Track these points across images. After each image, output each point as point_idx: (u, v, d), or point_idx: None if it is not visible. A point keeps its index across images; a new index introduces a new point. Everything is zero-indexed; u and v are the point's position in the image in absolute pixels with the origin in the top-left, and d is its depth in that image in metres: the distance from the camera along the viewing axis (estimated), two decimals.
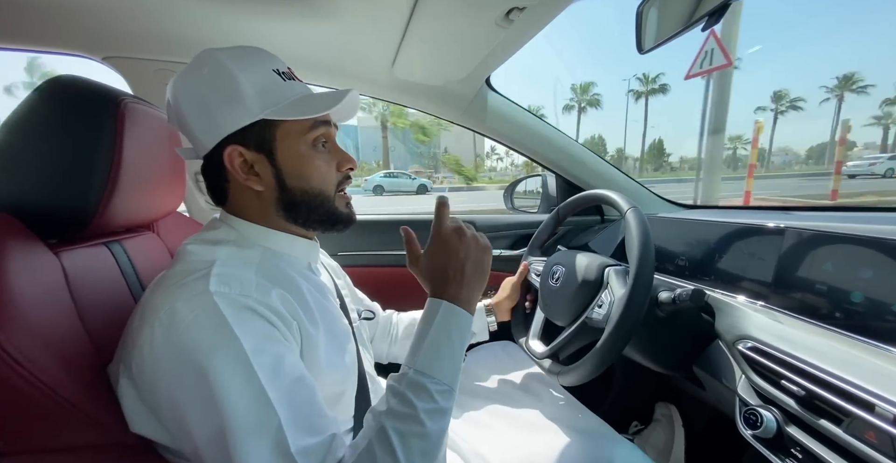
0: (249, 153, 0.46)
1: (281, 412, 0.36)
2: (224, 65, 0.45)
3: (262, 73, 0.46)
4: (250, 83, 0.45)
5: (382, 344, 0.82)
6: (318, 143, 0.49)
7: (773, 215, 0.72)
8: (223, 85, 0.44)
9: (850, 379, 0.42)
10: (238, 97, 0.44)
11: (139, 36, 0.83)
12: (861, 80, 26.53)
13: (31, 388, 0.34)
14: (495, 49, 0.79)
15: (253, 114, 0.45)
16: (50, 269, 0.42)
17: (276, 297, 0.43)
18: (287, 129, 0.47)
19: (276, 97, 0.46)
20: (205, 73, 0.45)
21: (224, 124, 0.45)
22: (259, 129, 0.46)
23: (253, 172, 0.47)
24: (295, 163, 0.48)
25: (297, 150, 0.48)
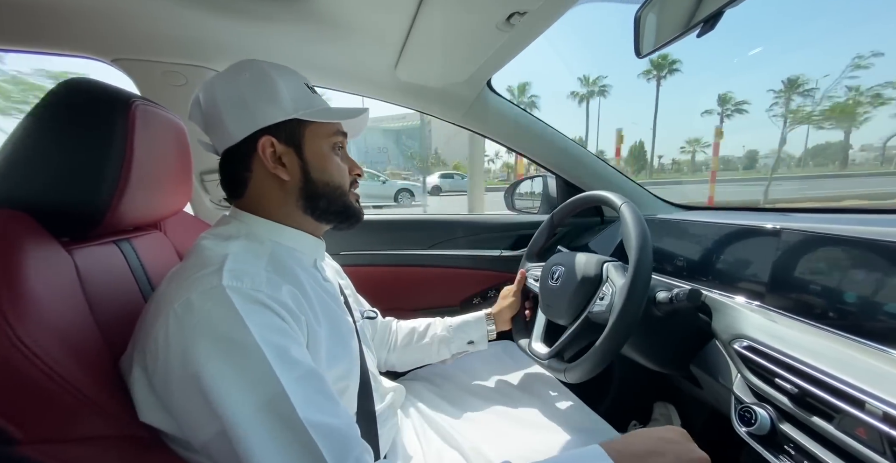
0: (280, 145, 0.52)
1: (294, 399, 0.37)
2: (264, 70, 0.52)
3: (296, 82, 0.54)
4: (286, 88, 0.52)
5: (381, 351, 0.83)
6: (336, 148, 0.56)
7: (769, 217, 0.73)
8: (263, 85, 0.51)
9: (842, 377, 0.42)
10: (276, 97, 0.51)
11: (147, 38, 0.85)
12: (805, 82, 25.84)
13: (47, 379, 0.35)
14: (497, 52, 0.80)
15: (287, 112, 0.51)
16: (63, 266, 0.43)
17: (286, 292, 0.45)
18: (315, 130, 0.54)
19: (306, 103, 0.53)
20: (245, 76, 0.52)
21: (260, 118, 0.51)
22: (291, 127, 0.52)
23: (280, 163, 0.52)
24: (319, 159, 0.54)
25: (321, 148, 0.54)
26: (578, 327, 0.68)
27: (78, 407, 0.36)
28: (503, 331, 0.86)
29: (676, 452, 0.45)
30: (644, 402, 1.02)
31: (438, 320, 0.86)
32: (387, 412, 0.63)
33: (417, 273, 1.16)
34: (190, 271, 0.43)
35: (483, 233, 1.21)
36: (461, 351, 0.83)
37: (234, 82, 0.51)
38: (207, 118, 0.53)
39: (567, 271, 0.74)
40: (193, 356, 0.37)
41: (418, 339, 0.83)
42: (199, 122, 0.54)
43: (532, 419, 0.69)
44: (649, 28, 0.58)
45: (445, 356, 0.83)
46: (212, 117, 0.52)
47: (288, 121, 0.51)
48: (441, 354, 0.83)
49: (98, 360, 0.41)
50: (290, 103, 0.52)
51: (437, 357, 0.83)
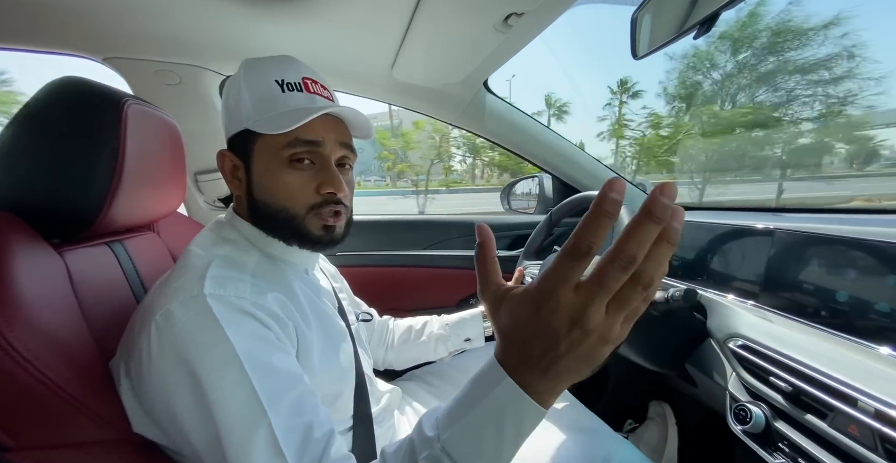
0: (235, 158, 0.50)
1: (272, 413, 0.36)
2: (239, 73, 0.50)
3: (263, 82, 0.48)
4: (249, 92, 0.48)
5: (378, 350, 0.82)
6: (293, 161, 0.47)
7: (763, 217, 0.74)
8: (232, 93, 0.50)
9: (835, 375, 0.43)
10: (237, 106, 0.49)
11: (140, 37, 0.83)
12: (635, 83, 25.91)
13: (38, 384, 0.34)
14: (493, 53, 0.80)
15: (240, 123, 0.48)
16: (54, 268, 0.42)
17: (272, 298, 0.44)
18: (265, 143, 0.47)
19: (265, 109, 0.47)
20: (229, 81, 0.52)
21: (226, 130, 0.50)
22: (244, 138, 0.49)
23: (237, 177, 0.51)
24: (264, 176, 0.48)
25: (268, 164, 0.48)
26: None
27: (70, 412, 0.36)
28: None
29: (582, 331, 0.26)
30: (640, 401, 1.02)
31: (435, 318, 0.85)
32: (383, 414, 0.63)
33: (414, 274, 1.16)
34: (173, 280, 0.42)
35: None
36: (458, 349, 0.83)
37: (226, 89, 0.52)
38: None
39: None
40: (173, 368, 0.36)
41: (415, 337, 0.83)
42: None
43: None
44: (645, 30, 0.58)
45: (443, 354, 0.83)
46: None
47: (241, 132, 0.48)
48: (438, 352, 0.82)
49: (90, 364, 0.40)
50: (248, 110, 0.47)
51: (435, 355, 0.83)
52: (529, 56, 65.94)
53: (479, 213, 1.22)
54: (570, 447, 0.61)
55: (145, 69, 0.89)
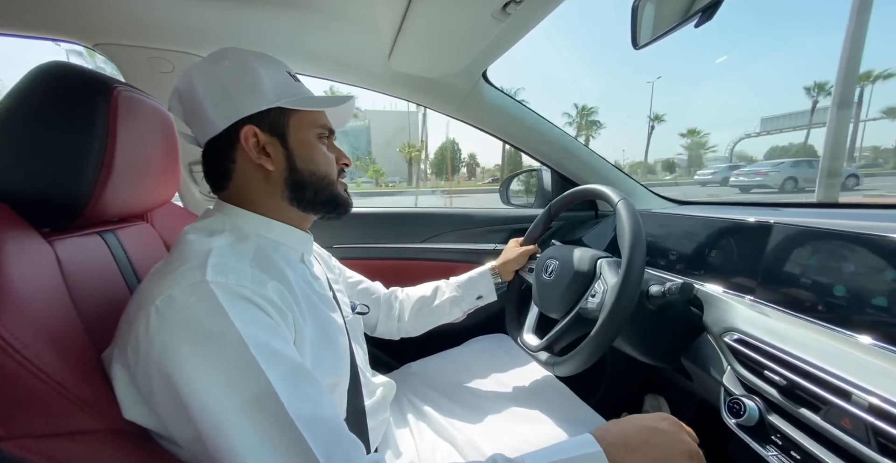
0: (263, 135, 0.50)
1: (282, 393, 0.36)
2: (245, 58, 0.51)
3: (278, 71, 0.53)
4: (268, 76, 0.51)
5: (390, 323, 0.84)
6: (321, 137, 0.55)
7: (761, 211, 0.73)
8: (245, 74, 0.50)
9: (830, 369, 0.43)
10: (258, 86, 0.50)
11: (131, 23, 0.82)
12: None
13: (28, 374, 0.34)
14: (492, 42, 0.79)
15: (270, 100, 0.50)
16: (44, 257, 0.42)
17: (271, 288, 0.44)
18: (299, 119, 0.52)
19: (290, 91, 0.52)
20: (226, 64, 0.50)
21: (242, 107, 0.49)
22: (274, 116, 0.51)
23: (264, 153, 0.51)
24: (305, 148, 0.53)
25: (306, 137, 0.53)
26: (569, 322, 0.69)
27: (61, 402, 0.35)
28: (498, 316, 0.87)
29: (669, 445, 0.44)
30: (635, 394, 1.03)
31: (444, 282, 0.88)
32: (377, 407, 0.63)
33: (411, 267, 1.16)
34: (172, 266, 0.42)
35: (477, 226, 1.21)
36: (472, 307, 0.87)
37: (214, 71, 0.49)
38: (187, 109, 0.51)
39: (560, 265, 0.74)
40: (176, 353, 0.36)
41: (428, 303, 0.85)
42: (178, 113, 0.53)
43: (525, 411, 0.70)
44: (647, 18, 0.57)
45: (458, 315, 0.86)
46: (192, 108, 0.50)
47: (271, 110, 0.50)
48: (453, 313, 0.85)
49: (81, 354, 0.40)
50: (273, 92, 0.50)
51: (450, 317, 0.86)
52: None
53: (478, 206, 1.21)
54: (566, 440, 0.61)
55: (137, 56, 0.87)
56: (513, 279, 0.91)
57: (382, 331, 0.85)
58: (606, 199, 0.68)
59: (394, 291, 0.87)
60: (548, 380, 0.79)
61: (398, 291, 0.88)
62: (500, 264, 0.89)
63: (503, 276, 0.89)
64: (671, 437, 0.45)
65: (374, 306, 0.83)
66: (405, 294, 0.87)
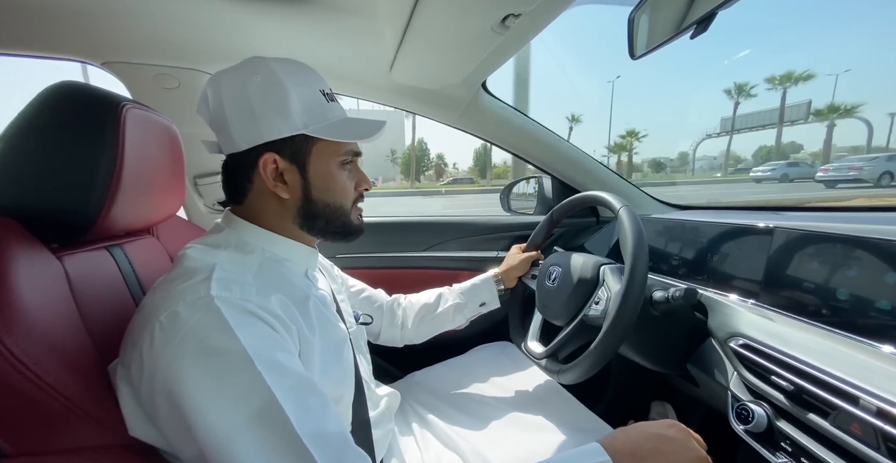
0: (283, 162, 0.49)
1: (287, 408, 0.36)
2: (277, 76, 0.48)
3: (310, 90, 0.50)
4: (298, 98, 0.48)
5: (393, 330, 0.84)
6: (345, 164, 0.54)
7: (763, 216, 0.74)
8: (274, 95, 0.47)
9: (837, 373, 0.43)
10: (286, 109, 0.48)
11: (138, 41, 0.84)
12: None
13: (37, 390, 0.34)
14: (491, 54, 0.80)
15: (296, 127, 0.48)
16: (53, 272, 0.42)
17: (276, 301, 0.44)
18: (323, 148, 0.51)
19: (319, 116, 0.50)
20: (257, 80, 0.48)
21: (266, 131, 0.48)
22: (297, 142, 0.49)
23: (281, 180, 0.50)
24: (323, 178, 0.52)
25: (327, 167, 0.52)
26: (573, 329, 0.69)
27: (69, 417, 0.35)
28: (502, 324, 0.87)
29: (677, 452, 0.44)
30: (641, 401, 1.02)
31: (447, 289, 0.88)
32: (381, 418, 0.63)
33: (414, 275, 1.16)
34: (176, 282, 0.42)
35: (479, 234, 1.21)
36: (475, 313, 0.87)
37: (244, 85, 0.48)
38: (213, 118, 0.51)
39: (563, 272, 0.75)
40: (180, 369, 0.36)
41: (432, 310, 0.85)
42: (205, 117, 0.52)
43: (530, 420, 0.69)
44: (643, 30, 0.58)
45: (461, 322, 0.86)
46: (218, 118, 0.50)
47: (295, 135, 0.49)
48: (456, 320, 0.86)
49: (89, 369, 0.40)
50: (300, 116, 0.48)
51: (453, 324, 0.86)
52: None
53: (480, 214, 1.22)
54: (572, 448, 0.60)
55: (144, 73, 0.89)
56: (516, 286, 0.91)
57: (386, 338, 0.85)
58: (608, 205, 0.69)
59: (396, 298, 0.88)
60: (553, 387, 0.78)
61: (401, 298, 0.88)
62: (503, 271, 0.89)
63: (506, 282, 0.89)
64: (680, 444, 0.45)
65: (378, 314, 0.83)
66: (408, 301, 0.87)
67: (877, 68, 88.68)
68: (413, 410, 0.76)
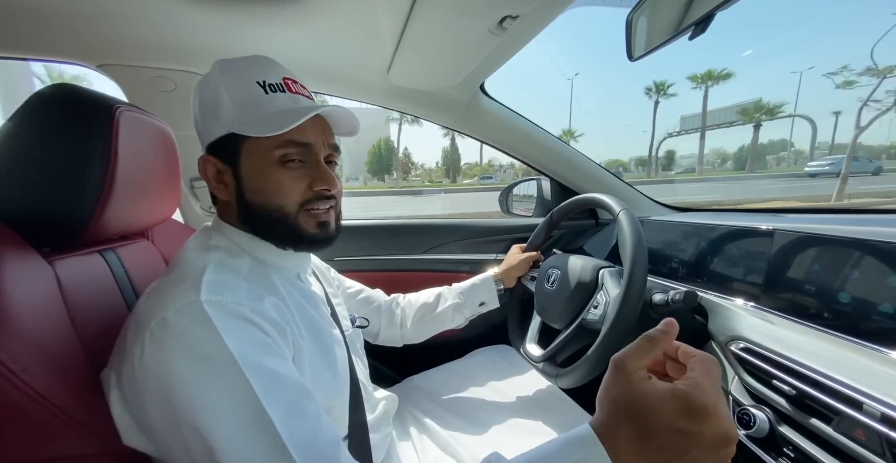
0: (220, 163, 0.49)
1: (275, 416, 0.35)
2: (213, 76, 0.48)
3: (244, 85, 0.47)
4: (229, 96, 0.47)
5: (392, 330, 0.84)
6: (285, 161, 0.48)
7: (763, 218, 0.73)
8: (208, 96, 0.48)
9: (839, 378, 0.42)
10: (216, 109, 0.47)
11: (134, 43, 0.83)
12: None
13: (24, 397, 0.33)
14: (489, 56, 0.80)
15: (224, 127, 0.47)
16: (43, 277, 0.42)
17: (269, 303, 0.43)
18: (254, 145, 0.47)
19: (250, 111, 0.47)
20: (202, 83, 0.49)
21: (205, 134, 0.49)
22: (230, 142, 0.48)
23: (222, 182, 0.49)
24: (255, 178, 0.48)
25: (259, 165, 0.47)
26: (572, 333, 0.68)
27: (59, 426, 0.35)
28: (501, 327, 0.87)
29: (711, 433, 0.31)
30: None
31: (446, 289, 0.87)
32: (379, 421, 0.62)
33: (413, 278, 1.15)
34: (167, 286, 0.41)
35: (478, 236, 1.21)
36: (474, 313, 0.86)
37: (198, 92, 0.50)
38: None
39: (562, 275, 0.74)
40: (170, 376, 0.35)
41: (431, 310, 0.84)
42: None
43: (530, 424, 0.69)
44: (641, 31, 0.58)
45: (460, 321, 0.86)
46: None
47: (228, 135, 0.47)
48: (456, 320, 0.85)
49: (79, 376, 0.39)
50: (230, 114, 0.46)
51: (452, 323, 0.86)
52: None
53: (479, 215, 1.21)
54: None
55: (140, 76, 0.89)
56: (515, 287, 0.91)
57: (385, 338, 0.84)
58: (608, 208, 0.68)
59: (395, 297, 0.87)
60: (552, 391, 0.78)
61: (399, 297, 0.87)
62: (503, 271, 0.89)
63: (506, 282, 0.89)
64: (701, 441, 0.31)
65: (376, 314, 0.82)
66: (407, 301, 0.87)
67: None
68: (411, 414, 0.75)
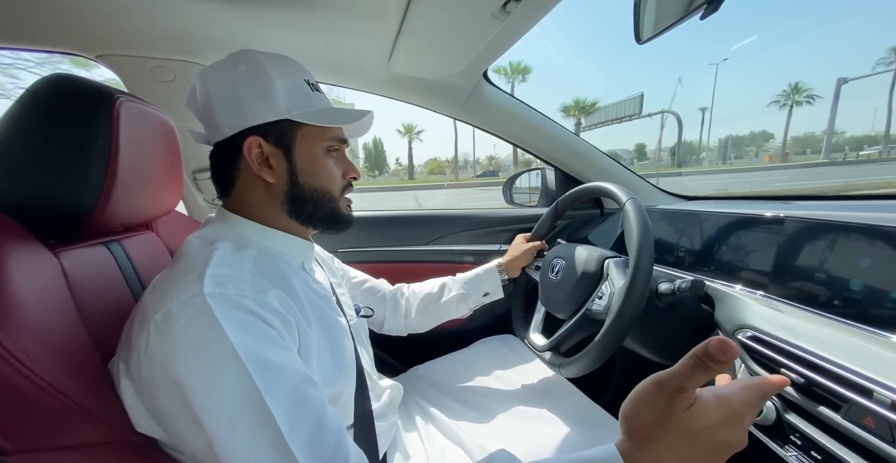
0: (268, 146, 0.50)
1: (276, 410, 0.35)
2: (262, 64, 0.49)
3: (294, 79, 0.51)
4: (282, 85, 0.49)
5: (397, 319, 0.84)
6: (331, 151, 0.54)
7: (772, 205, 0.72)
8: (258, 81, 0.49)
9: (849, 366, 0.42)
10: (269, 95, 0.49)
11: (133, 33, 0.82)
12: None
13: (34, 387, 0.34)
14: (492, 41, 0.78)
15: (280, 112, 0.49)
16: (49, 269, 0.42)
17: (273, 296, 0.43)
18: (308, 133, 0.51)
19: (302, 103, 0.51)
20: (241, 69, 0.49)
21: (250, 116, 0.49)
22: (282, 127, 0.50)
23: (266, 164, 0.50)
24: (309, 162, 0.52)
25: (312, 151, 0.52)
26: (576, 323, 0.68)
27: (68, 415, 0.35)
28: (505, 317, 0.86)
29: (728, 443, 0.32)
30: None
31: (450, 279, 0.88)
32: (384, 410, 0.62)
33: (416, 269, 1.15)
34: (172, 279, 0.41)
35: (481, 227, 1.20)
36: (478, 303, 0.87)
37: (229, 74, 0.49)
38: (202, 109, 0.51)
39: (567, 265, 0.74)
40: (174, 368, 0.36)
41: (435, 300, 0.85)
42: (195, 111, 0.53)
43: (535, 413, 0.69)
44: (650, 12, 0.56)
45: (464, 311, 0.86)
46: (205, 108, 0.51)
47: (279, 121, 0.49)
48: (460, 310, 0.86)
49: (88, 365, 0.40)
50: (284, 102, 0.49)
51: (457, 313, 0.86)
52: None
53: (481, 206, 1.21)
54: (577, 440, 0.60)
55: (140, 66, 0.88)
56: (519, 277, 0.90)
57: (390, 327, 0.85)
58: (615, 198, 0.67)
59: (399, 287, 0.87)
60: (556, 380, 0.78)
61: (404, 287, 0.88)
62: (507, 261, 0.89)
63: (510, 272, 0.88)
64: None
65: (381, 304, 0.83)
66: (411, 290, 0.87)
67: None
68: (416, 403, 0.76)
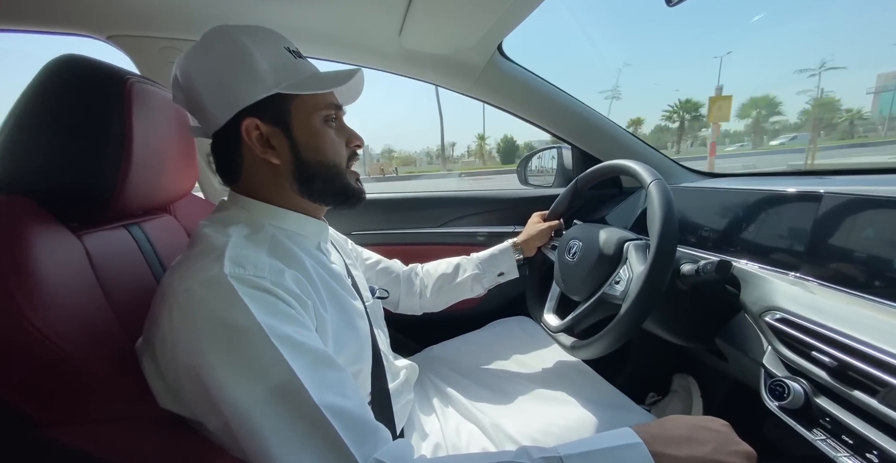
0: (266, 126, 0.47)
1: (307, 382, 0.36)
2: (238, 39, 0.46)
3: (275, 49, 0.48)
4: (264, 58, 0.46)
5: (412, 298, 0.85)
6: (329, 120, 0.51)
7: (806, 181, 0.68)
8: (238, 59, 0.46)
9: (887, 348, 0.40)
10: (253, 71, 0.46)
11: (143, 13, 0.81)
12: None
13: (65, 363, 0.35)
14: (507, 12, 0.74)
15: (268, 87, 0.46)
16: (74, 251, 0.43)
17: (290, 277, 0.43)
18: (301, 104, 0.49)
19: (289, 73, 0.48)
20: (218, 48, 0.46)
21: (239, 98, 0.46)
22: (274, 103, 0.47)
23: (269, 145, 0.48)
24: (310, 136, 0.49)
25: (311, 124, 0.49)
26: (591, 306, 0.67)
27: (97, 389, 0.37)
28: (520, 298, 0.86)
29: (717, 442, 0.40)
30: (662, 374, 1.01)
31: (465, 259, 0.87)
32: (401, 389, 0.63)
33: (430, 251, 1.15)
34: (191, 260, 0.42)
35: (496, 209, 1.18)
36: (493, 284, 0.86)
37: (207, 58, 0.46)
38: (188, 99, 0.48)
39: (585, 247, 0.72)
40: (198, 347, 0.36)
41: (450, 280, 0.85)
42: (181, 102, 0.50)
43: (549, 393, 0.69)
44: None
45: (480, 291, 0.86)
46: (192, 99, 0.48)
47: (271, 97, 0.46)
48: (475, 290, 0.86)
49: (116, 344, 0.41)
50: (270, 75, 0.46)
51: (472, 293, 0.86)
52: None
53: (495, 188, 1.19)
54: (591, 420, 0.60)
55: (150, 46, 0.87)
56: (535, 256, 0.89)
57: (405, 307, 0.86)
58: (638, 178, 0.64)
59: (413, 267, 0.88)
60: (571, 361, 0.78)
61: (418, 267, 0.88)
62: (523, 241, 0.87)
63: (525, 252, 0.87)
64: (721, 435, 0.42)
65: (395, 284, 0.83)
66: (425, 270, 0.87)
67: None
68: (432, 382, 0.77)
